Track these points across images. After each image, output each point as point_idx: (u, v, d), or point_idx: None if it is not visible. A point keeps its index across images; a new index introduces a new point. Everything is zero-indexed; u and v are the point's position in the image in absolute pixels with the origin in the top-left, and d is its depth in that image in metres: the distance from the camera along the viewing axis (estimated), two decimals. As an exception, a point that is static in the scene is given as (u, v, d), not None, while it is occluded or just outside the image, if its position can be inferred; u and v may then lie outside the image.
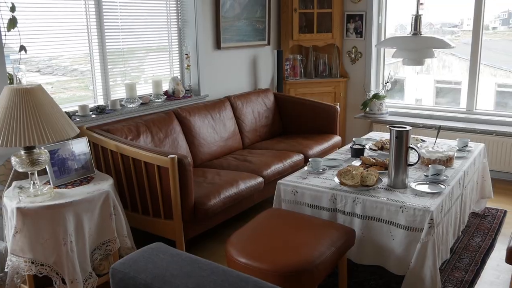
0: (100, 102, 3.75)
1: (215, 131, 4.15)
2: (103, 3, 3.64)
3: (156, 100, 4.03)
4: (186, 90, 4.38)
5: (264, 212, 2.78)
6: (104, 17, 3.66)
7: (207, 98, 4.52)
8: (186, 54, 4.36)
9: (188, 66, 4.39)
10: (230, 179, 3.45)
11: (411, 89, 6.00)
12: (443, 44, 3.14)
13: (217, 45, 4.62)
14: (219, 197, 3.21)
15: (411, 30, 3.20)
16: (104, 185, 2.80)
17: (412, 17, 3.20)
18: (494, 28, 5.26)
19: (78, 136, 2.95)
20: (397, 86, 5.87)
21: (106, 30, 3.70)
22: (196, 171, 3.64)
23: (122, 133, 3.39)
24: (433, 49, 3.18)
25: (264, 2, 5.11)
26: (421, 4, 5.18)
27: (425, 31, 5.65)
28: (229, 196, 3.29)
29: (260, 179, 3.62)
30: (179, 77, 4.40)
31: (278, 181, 3.01)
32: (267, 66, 5.37)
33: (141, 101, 3.91)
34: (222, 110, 4.32)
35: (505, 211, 3.97)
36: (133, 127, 3.50)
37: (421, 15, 3.22)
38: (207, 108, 4.20)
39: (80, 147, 2.96)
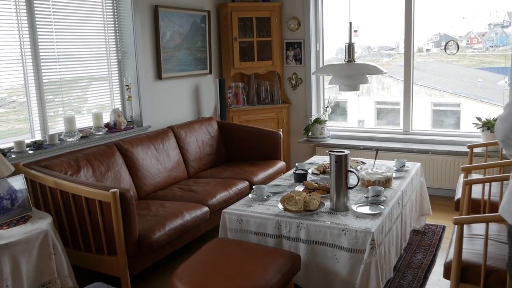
0: (38, 136, 3.63)
1: (159, 162, 4.11)
2: (38, 32, 3.55)
3: (97, 133, 3.95)
4: (128, 121, 4.33)
5: (210, 243, 2.76)
6: (40, 47, 3.58)
7: (150, 129, 4.48)
8: (127, 85, 4.32)
9: (129, 97, 4.35)
10: (175, 210, 3.41)
11: (354, 111, 6.19)
12: (375, 71, 3.29)
13: (158, 76, 4.61)
14: (164, 230, 3.16)
15: (345, 58, 3.33)
16: (42, 223, 2.70)
17: (345, 45, 3.33)
18: (427, 50, 5.56)
19: (14, 173, 2.85)
20: (339, 109, 6.06)
21: (42, 60, 3.61)
22: (140, 204, 3.58)
23: (61, 169, 3.29)
24: (367, 75, 3.31)
25: (204, 32, 5.17)
26: (355, 31, 5.43)
27: (364, 54, 5.92)
28: (174, 228, 3.25)
29: (206, 209, 3.61)
30: (120, 108, 4.35)
31: (223, 210, 3.01)
32: (209, 94, 5.41)
33: (81, 134, 3.82)
34: (165, 140, 4.29)
35: (444, 227, 4.14)
36: (73, 162, 3.41)
37: (354, 43, 3.36)
38: (150, 139, 4.16)
39: (16, 185, 2.85)
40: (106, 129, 4.05)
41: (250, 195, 3.22)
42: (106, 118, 4.16)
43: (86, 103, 4.13)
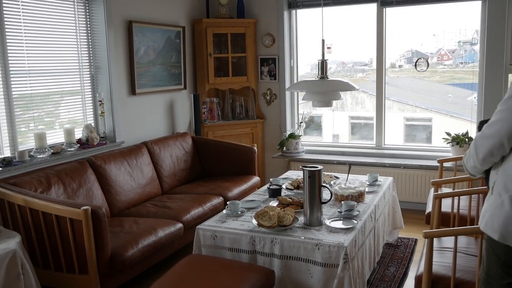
0: (7, 153, 3.56)
1: (132, 178, 4.07)
2: (8, 46, 3.50)
3: (69, 149, 3.89)
4: (101, 137, 4.28)
5: (183, 259, 2.74)
6: (9, 60, 3.52)
7: (123, 145, 4.44)
8: (100, 101, 4.28)
9: (102, 112, 4.31)
10: (148, 227, 3.38)
11: (328, 126, 6.26)
12: (348, 87, 3.34)
13: (132, 91, 4.59)
14: (137, 247, 3.12)
15: (318, 74, 3.37)
16: (10, 243, 2.63)
17: (318, 62, 3.38)
18: (400, 66, 5.68)
19: (-19, 192, 2.78)
20: (314, 124, 6.12)
21: (11, 74, 3.54)
22: (112, 221, 3.53)
23: (31, 186, 3.22)
24: (339, 91, 3.37)
25: (179, 47, 5.18)
26: (329, 48, 5.52)
27: (339, 70, 6.02)
28: (147, 245, 3.21)
29: (180, 225, 3.58)
30: (93, 124, 4.30)
31: (197, 227, 2.99)
32: (184, 110, 5.40)
33: (52, 150, 3.76)
34: (139, 156, 4.25)
35: (416, 240, 4.20)
36: (44, 179, 3.35)
37: (327, 59, 3.41)
38: (123, 155, 4.12)
39: (-17, 203, 2.78)
40: (78, 145, 4.00)
41: (224, 211, 3.21)
42: (79, 134, 4.11)
43: (59, 118, 4.07)
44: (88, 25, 4.25)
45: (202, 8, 5.61)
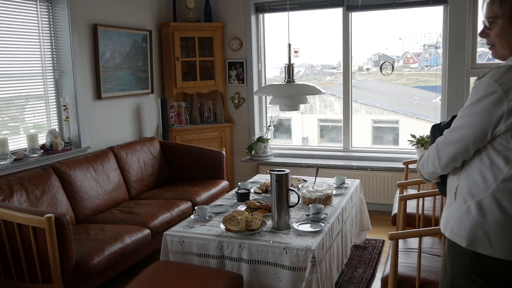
0: (-34, 160, 3.45)
1: (98, 184, 4.00)
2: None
3: (32, 155, 3.79)
4: (66, 142, 4.19)
5: (151, 266, 2.71)
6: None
7: (89, 150, 4.35)
8: (64, 106, 4.19)
9: (67, 117, 4.21)
10: (114, 234, 3.32)
11: (298, 128, 6.30)
12: (314, 91, 3.36)
13: (98, 95, 4.51)
14: (103, 254, 3.06)
15: (285, 78, 3.39)
16: (-31, 253, 2.55)
17: (285, 66, 3.39)
18: (367, 69, 5.77)
19: None
20: (283, 127, 6.14)
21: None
22: (78, 228, 3.45)
23: (-8, 194, 3.13)
24: (306, 95, 3.39)
25: (146, 51, 5.13)
26: (296, 52, 5.56)
27: (308, 73, 6.07)
28: (114, 252, 3.15)
29: (147, 231, 3.53)
30: (57, 129, 4.21)
31: (164, 233, 2.96)
32: (151, 114, 5.34)
33: (14, 157, 3.65)
34: (105, 162, 4.18)
35: (383, 241, 4.26)
36: (5, 186, 3.25)
37: (293, 64, 3.43)
38: (89, 160, 4.05)
39: None
40: (42, 151, 3.90)
41: (192, 216, 3.19)
42: (42, 140, 4.01)
43: (24, 123, 3.97)
44: (52, 28, 4.15)
45: (169, 11, 5.57)
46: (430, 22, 5.28)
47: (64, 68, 4.21)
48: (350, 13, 5.19)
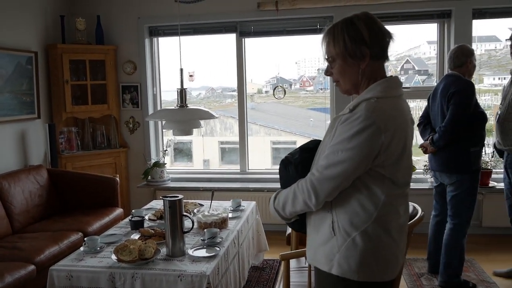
0: None
1: (-25, 219, 3.65)
2: None
3: None
4: None
5: (34, 306, 2.51)
6: None
7: (-35, 181, 3.98)
8: None
9: None
10: (-7, 272, 3.04)
11: (199, 151, 6.28)
12: (207, 115, 3.38)
13: (-25, 122, 4.16)
14: (-21, 297, 2.79)
15: (178, 103, 3.37)
16: None
17: (177, 91, 3.38)
18: (266, 92, 5.93)
19: None
20: (184, 150, 6.09)
21: None
22: (-50, 269, 3.12)
23: None
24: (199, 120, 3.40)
25: (31, 74, 4.84)
26: (191, 76, 5.58)
27: (208, 96, 6.10)
28: (-8, 293, 2.89)
29: (32, 267, 3.28)
30: None
31: (50, 268, 2.77)
32: (38, 140, 5.02)
33: None
34: (-17, 194, 3.84)
35: (280, 261, 4.34)
36: None
37: (186, 88, 3.43)
38: (-36, 193, 3.69)
39: None
40: None
41: (81, 248, 3.02)
42: None
43: None
44: None
45: (57, 32, 5.29)
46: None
47: None
48: (243, 39, 5.33)
